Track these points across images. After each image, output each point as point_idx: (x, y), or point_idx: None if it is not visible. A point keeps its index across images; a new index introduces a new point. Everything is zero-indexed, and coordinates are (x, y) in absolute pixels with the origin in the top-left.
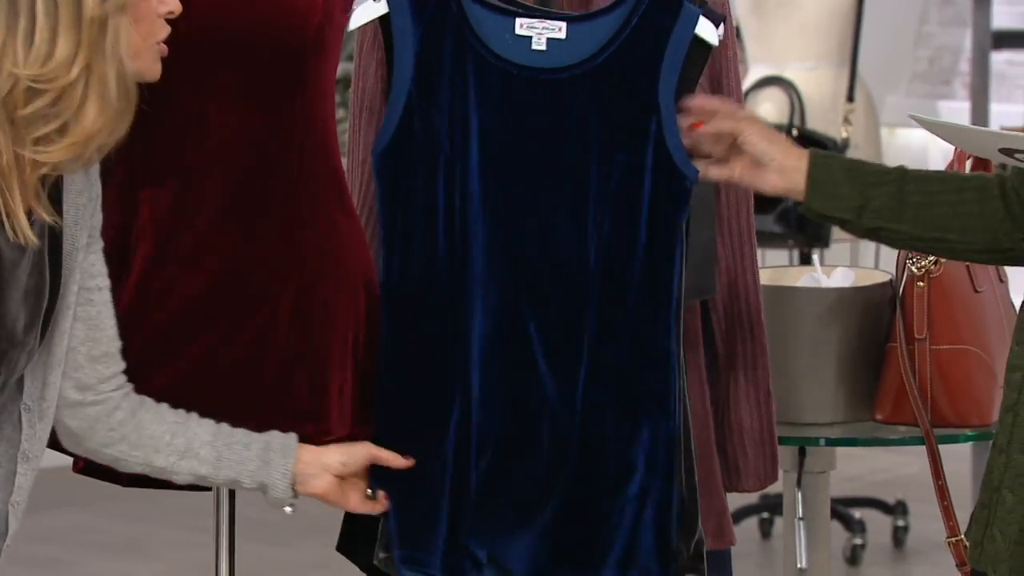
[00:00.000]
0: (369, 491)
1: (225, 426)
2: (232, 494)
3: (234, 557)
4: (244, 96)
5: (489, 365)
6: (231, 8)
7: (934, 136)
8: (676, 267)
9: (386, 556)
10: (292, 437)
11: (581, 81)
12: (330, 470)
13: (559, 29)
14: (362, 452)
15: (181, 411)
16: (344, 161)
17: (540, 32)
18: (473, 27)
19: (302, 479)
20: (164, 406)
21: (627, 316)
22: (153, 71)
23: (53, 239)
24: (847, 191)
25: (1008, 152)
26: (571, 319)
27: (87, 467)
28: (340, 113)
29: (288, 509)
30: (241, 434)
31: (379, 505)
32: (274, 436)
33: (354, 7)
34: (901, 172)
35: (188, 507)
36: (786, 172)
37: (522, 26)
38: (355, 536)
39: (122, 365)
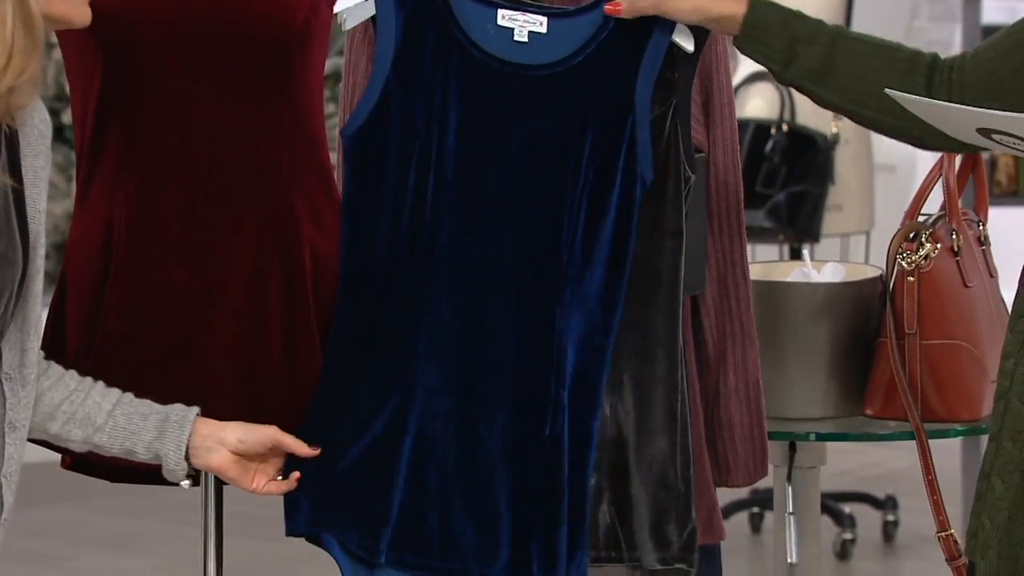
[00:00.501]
0: (279, 476)
1: (129, 396)
2: (220, 489)
3: (222, 552)
4: (231, 90)
5: (444, 355)
6: (217, 4)
7: None
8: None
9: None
10: (192, 410)
11: (561, 78)
12: (226, 445)
13: (540, 23)
14: (265, 433)
15: (88, 379)
16: (332, 156)
17: (522, 24)
18: (456, 16)
19: (197, 452)
20: (70, 373)
21: (591, 316)
22: (80, 15)
23: (18, 203)
24: (778, 43)
25: (986, 133)
26: (541, 316)
27: (75, 463)
28: (330, 108)
29: (185, 483)
30: (142, 405)
31: (286, 485)
32: (174, 409)
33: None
34: (835, 34)
35: (178, 502)
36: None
37: (504, 17)
38: None
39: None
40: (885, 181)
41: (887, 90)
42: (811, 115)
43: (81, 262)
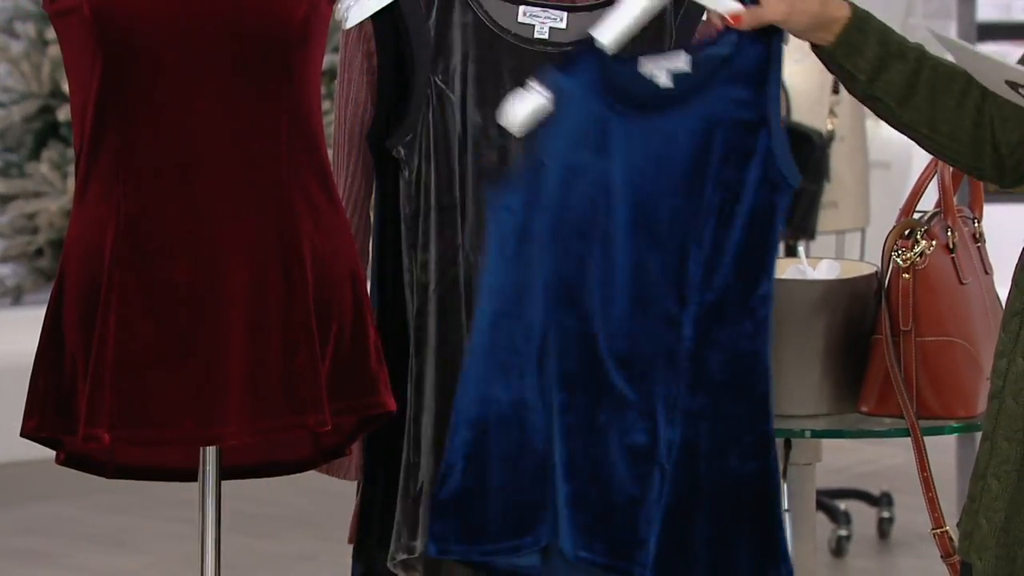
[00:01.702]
0: None
1: None
2: (218, 486)
3: (220, 549)
4: (230, 87)
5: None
6: (216, 1)
7: None
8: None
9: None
10: None
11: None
12: None
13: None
14: None
15: None
16: (330, 153)
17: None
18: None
19: None
20: None
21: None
22: None
23: None
24: (872, 53)
25: (1013, 86)
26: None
27: (71, 459)
28: (326, 105)
29: None
30: None
31: None
32: None
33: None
34: (921, 52)
35: (174, 499)
36: (828, 5)
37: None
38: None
39: None
40: (880, 178)
41: (928, 30)
42: (807, 112)
43: (79, 260)
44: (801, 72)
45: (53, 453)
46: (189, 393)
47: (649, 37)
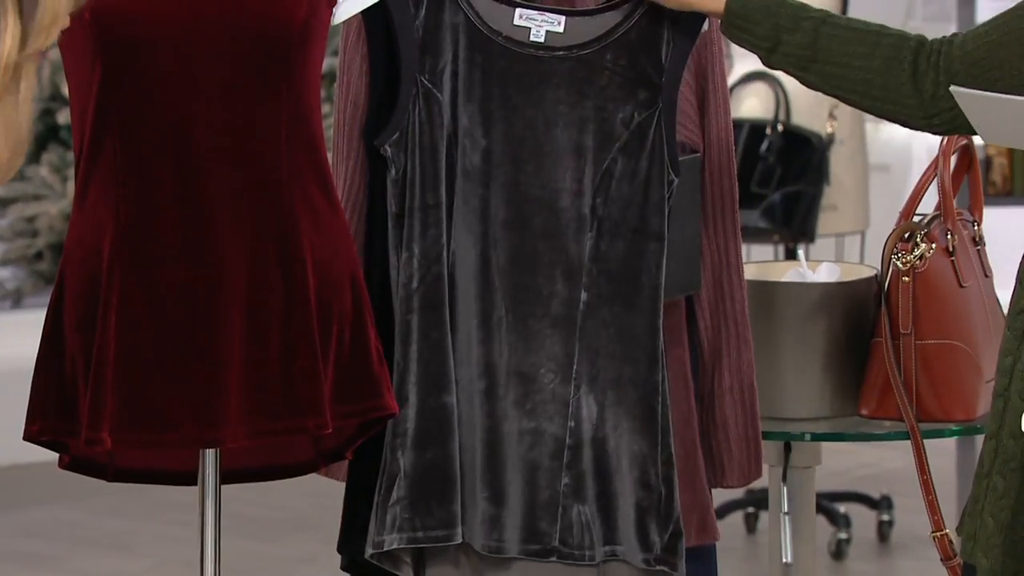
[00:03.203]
0: None
1: None
2: (219, 489)
3: (220, 552)
4: (230, 90)
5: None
6: (216, 4)
7: (919, 132)
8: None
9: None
10: None
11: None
12: None
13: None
14: None
15: None
16: (329, 156)
17: (539, 24)
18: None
19: None
20: None
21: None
22: None
23: None
24: (762, 30)
25: None
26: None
27: (72, 463)
28: (325, 108)
29: None
30: None
31: None
32: None
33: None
34: (819, 20)
35: (174, 502)
36: None
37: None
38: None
39: None
40: (880, 181)
41: (952, 88)
42: (806, 115)
43: (79, 262)
44: None
45: (53, 456)
46: (189, 395)
47: (646, 43)
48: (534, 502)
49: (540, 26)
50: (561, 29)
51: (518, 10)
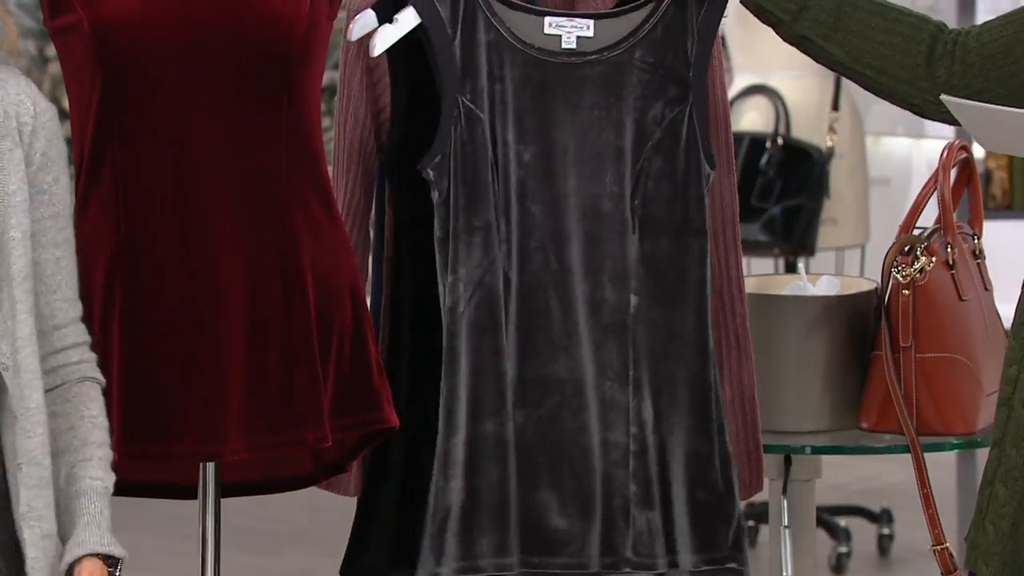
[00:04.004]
0: None
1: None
2: (218, 502)
3: (220, 566)
4: (230, 104)
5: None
6: (216, 18)
7: (919, 145)
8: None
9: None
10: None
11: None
12: None
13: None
14: None
15: (102, 445)
16: (329, 169)
17: (569, 31)
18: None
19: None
20: (94, 416)
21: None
22: None
23: None
24: None
25: None
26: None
27: None
28: (325, 122)
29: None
30: (97, 511)
31: None
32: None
33: (345, 16)
34: None
35: (174, 516)
36: None
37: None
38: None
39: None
40: (880, 195)
41: (943, 96)
42: (806, 129)
43: (80, 276)
44: (801, 89)
45: None
46: (191, 409)
47: (672, 38)
48: (606, 513)
49: (570, 32)
50: (591, 33)
51: (547, 19)
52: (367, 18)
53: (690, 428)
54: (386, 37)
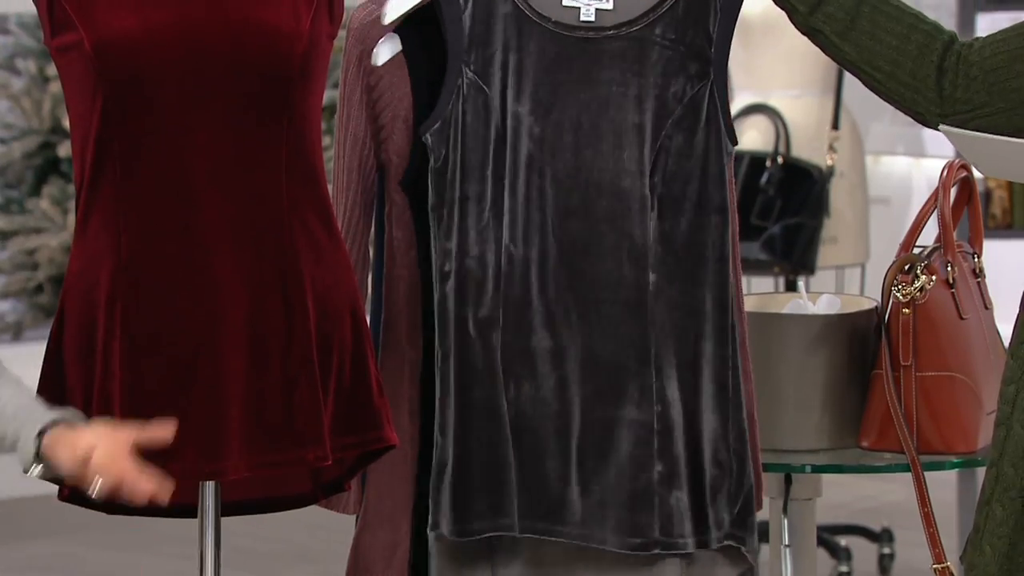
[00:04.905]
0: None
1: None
2: (218, 522)
3: None
4: (230, 123)
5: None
6: (217, 36)
7: (919, 164)
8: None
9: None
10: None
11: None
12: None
13: (606, 0)
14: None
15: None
16: (329, 188)
17: (588, 3)
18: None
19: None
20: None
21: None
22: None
23: None
24: None
25: None
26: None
27: (72, 495)
28: (326, 140)
29: (35, 471)
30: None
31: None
32: (62, 410)
33: (345, 35)
34: None
35: (174, 535)
36: None
37: None
38: None
39: None
40: (880, 213)
41: (941, 126)
42: (806, 148)
43: (79, 295)
44: (800, 108)
45: (53, 489)
46: (191, 427)
47: (694, 14)
48: (631, 493)
49: (589, 5)
50: (610, 6)
51: None
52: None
53: (707, 406)
54: (397, 6)
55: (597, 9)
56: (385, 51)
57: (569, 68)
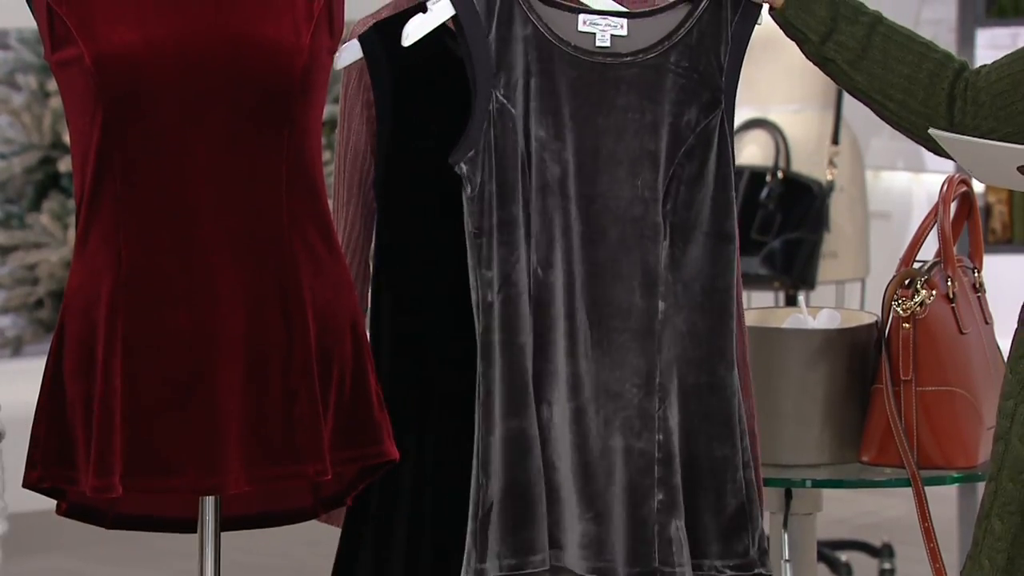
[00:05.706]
0: None
1: None
2: (218, 537)
3: None
4: (230, 138)
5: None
6: (217, 51)
7: (919, 179)
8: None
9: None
10: None
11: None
12: None
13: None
14: None
15: None
16: (330, 202)
17: (603, 29)
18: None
19: None
20: None
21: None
22: None
23: None
24: (822, 13)
25: None
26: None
27: (71, 509)
28: (326, 155)
29: None
30: None
31: None
32: None
33: (341, 47)
34: (876, 18)
35: (173, 550)
36: None
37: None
38: None
39: None
40: (880, 228)
41: (931, 131)
42: (806, 163)
43: (79, 310)
44: (801, 122)
45: (52, 504)
46: (191, 441)
47: (707, 42)
48: (633, 522)
49: (604, 30)
50: (624, 32)
51: (581, 16)
52: (352, 49)
53: (713, 434)
54: (419, 27)
55: (612, 35)
56: (346, 57)
57: (588, 93)
